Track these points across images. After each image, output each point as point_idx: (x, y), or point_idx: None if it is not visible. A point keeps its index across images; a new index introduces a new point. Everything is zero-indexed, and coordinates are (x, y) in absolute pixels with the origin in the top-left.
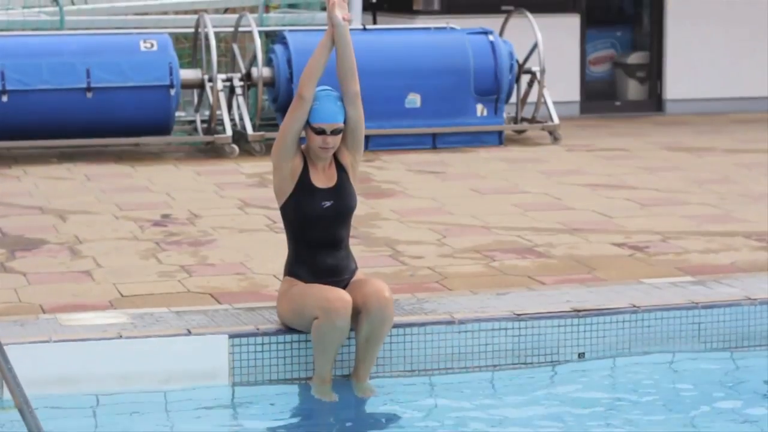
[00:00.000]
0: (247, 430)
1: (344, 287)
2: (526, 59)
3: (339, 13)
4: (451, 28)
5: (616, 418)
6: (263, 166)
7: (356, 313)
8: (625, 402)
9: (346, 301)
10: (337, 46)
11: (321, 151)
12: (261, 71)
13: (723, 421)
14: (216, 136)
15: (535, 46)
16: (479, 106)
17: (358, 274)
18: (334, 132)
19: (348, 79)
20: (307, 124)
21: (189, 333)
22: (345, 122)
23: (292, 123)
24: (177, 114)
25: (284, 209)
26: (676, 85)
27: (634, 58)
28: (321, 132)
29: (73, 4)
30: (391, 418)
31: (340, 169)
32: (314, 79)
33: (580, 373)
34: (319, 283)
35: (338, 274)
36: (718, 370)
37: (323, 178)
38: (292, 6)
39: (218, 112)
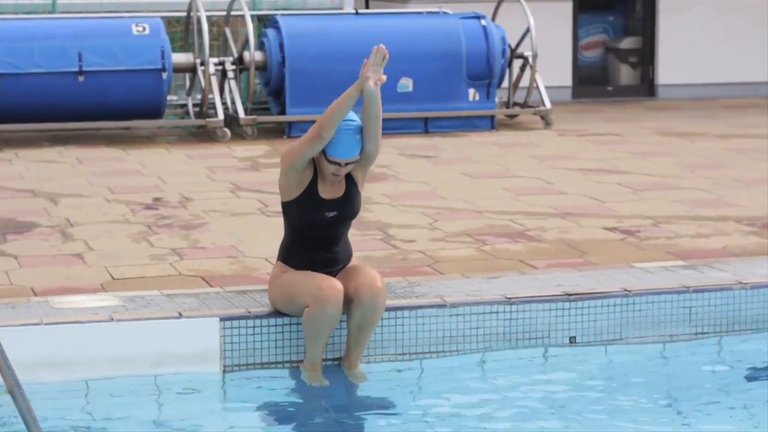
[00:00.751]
0: (237, 413)
1: (337, 273)
2: (519, 44)
3: (372, 78)
4: (444, 13)
5: (606, 402)
6: (255, 149)
7: (348, 301)
8: (616, 385)
9: (338, 290)
10: (365, 100)
11: (333, 176)
12: (253, 55)
13: (713, 405)
14: (208, 119)
15: (528, 30)
16: (471, 91)
17: (352, 260)
18: (349, 164)
19: (371, 126)
20: (323, 152)
21: (180, 316)
22: (360, 153)
23: (307, 152)
24: (169, 98)
25: (286, 208)
26: (668, 70)
27: (627, 43)
28: (335, 163)
29: None
30: (382, 403)
31: (350, 181)
32: (336, 123)
33: (570, 356)
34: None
35: (333, 265)
36: (708, 354)
37: (331, 190)
38: None
39: (210, 96)
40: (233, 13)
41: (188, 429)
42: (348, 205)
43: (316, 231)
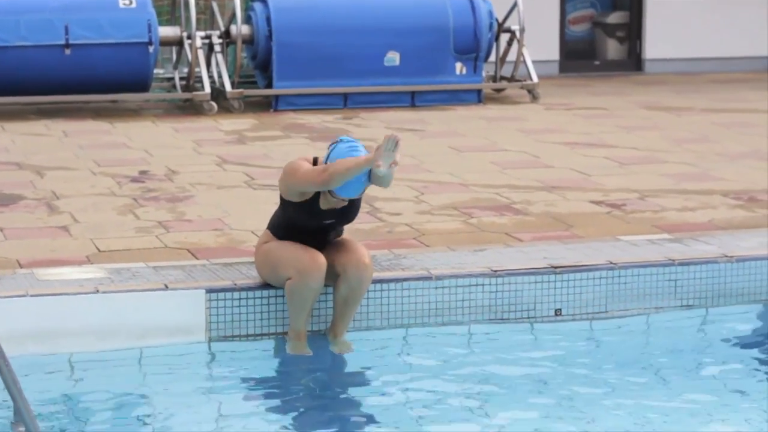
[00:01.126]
0: (223, 385)
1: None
2: (506, 18)
3: (383, 166)
4: None
5: (591, 374)
6: (241, 123)
7: (335, 275)
8: (600, 357)
9: (321, 263)
10: (372, 175)
11: (335, 203)
12: (240, 29)
13: (698, 377)
14: (194, 93)
15: (515, 4)
16: (458, 65)
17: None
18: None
19: (381, 185)
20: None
21: (166, 288)
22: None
23: (308, 188)
24: (155, 71)
25: (284, 203)
26: (655, 45)
27: (614, 17)
28: (339, 198)
29: None
30: (366, 374)
31: None
32: (344, 182)
33: (556, 328)
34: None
35: (322, 246)
36: (693, 327)
37: (332, 202)
38: None
39: (197, 70)
40: None
41: (174, 400)
42: (347, 215)
43: (311, 229)
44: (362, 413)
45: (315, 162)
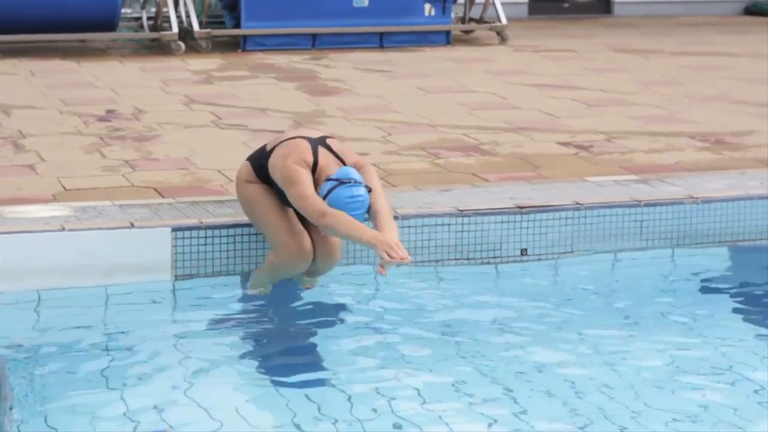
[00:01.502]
0: (188, 323)
1: None
2: None
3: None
4: None
5: (556, 314)
6: (209, 63)
7: None
8: (566, 297)
9: (308, 253)
10: None
11: None
12: None
13: (662, 318)
14: (162, 33)
15: None
16: (427, 6)
17: None
18: None
19: None
20: None
21: (132, 226)
22: None
23: (301, 212)
24: (123, 10)
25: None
26: None
27: None
28: None
29: None
30: (332, 309)
31: None
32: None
33: (521, 268)
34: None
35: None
36: (658, 267)
37: None
38: None
39: (165, 9)
40: None
41: (139, 338)
42: None
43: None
44: (326, 350)
45: (315, 165)
